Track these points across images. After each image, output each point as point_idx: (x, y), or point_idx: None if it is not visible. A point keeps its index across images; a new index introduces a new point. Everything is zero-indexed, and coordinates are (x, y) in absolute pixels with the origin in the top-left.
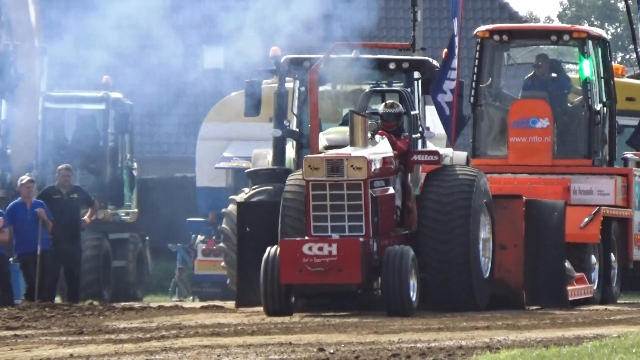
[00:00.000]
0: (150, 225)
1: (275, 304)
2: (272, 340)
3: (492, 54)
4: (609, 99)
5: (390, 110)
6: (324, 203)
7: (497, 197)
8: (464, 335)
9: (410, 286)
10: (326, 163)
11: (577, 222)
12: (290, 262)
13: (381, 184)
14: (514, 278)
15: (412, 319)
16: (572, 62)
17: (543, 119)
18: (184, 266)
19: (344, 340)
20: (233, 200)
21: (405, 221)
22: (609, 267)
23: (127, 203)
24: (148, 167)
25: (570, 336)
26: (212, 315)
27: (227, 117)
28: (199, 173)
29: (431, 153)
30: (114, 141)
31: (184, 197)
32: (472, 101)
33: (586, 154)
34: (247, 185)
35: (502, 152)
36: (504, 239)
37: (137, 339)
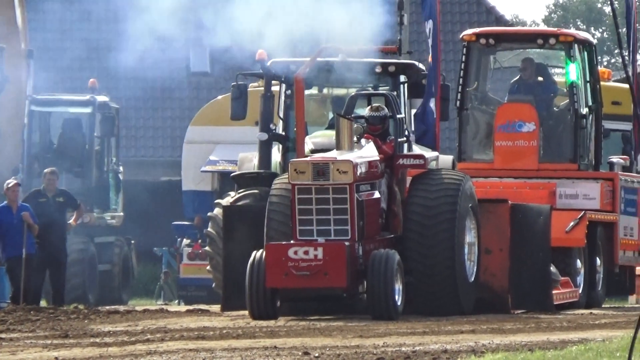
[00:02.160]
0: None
1: (261, 307)
2: (257, 344)
3: (478, 57)
4: (595, 103)
5: (376, 113)
6: (309, 207)
7: (483, 201)
8: (448, 339)
9: (396, 290)
10: (312, 167)
11: (562, 226)
12: (276, 266)
13: (367, 188)
14: (499, 282)
15: (397, 323)
16: (558, 66)
17: (529, 123)
18: (170, 270)
19: (329, 344)
20: (219, 204)
21: (391, 225)
22: (594, 271)
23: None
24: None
25: (555, 340)
26: (197, 319)
27: (213, 120)
28: (184, 176)
29: (417, 157)
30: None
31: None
32: (458, 105)
33: (572, 158)
34: (233, 188)
35: (488, 156)
36: (490, 243)
37: (122, 343)
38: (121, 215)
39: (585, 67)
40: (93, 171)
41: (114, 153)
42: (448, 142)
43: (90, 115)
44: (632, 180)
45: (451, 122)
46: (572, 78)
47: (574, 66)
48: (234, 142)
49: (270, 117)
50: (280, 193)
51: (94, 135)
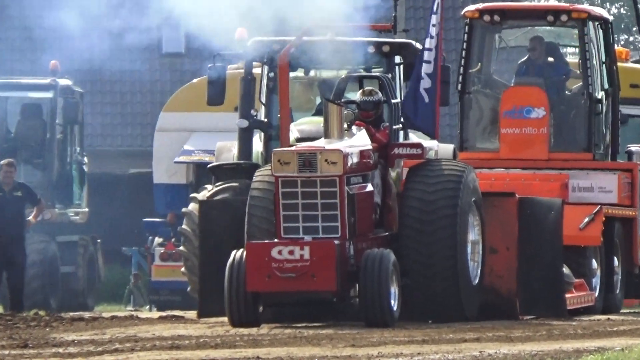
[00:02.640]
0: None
1: (241, 313)
2: (238, 354)
3: (481, 36)
4: (612, 86)
5: (369, 98)
6: (295, 201)
7: (488, 195)
8: (450, 348)
9: (391, 294)
10: (297, 157)
11: (576, 222)
12: (258, 268)
13: (358, 180)
14: (506, 285)
15: (393, 330)
16: (570, 45)
17: (538, 108)
18: (140, 272)
19: (317, 354)
20: (194, 198)
21: (385, 221)
22: (611, 273)
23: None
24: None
25: (569, 349)
26: (171, 327)
27: (188, 106)
28: (156, 168)
29: (414, 146)
30: (63, 133)
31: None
32: (460, 88)
33: (586, 147)
34: (209, 181)
35: (492, 144)
36: (495, 241)
37: (88, 353)
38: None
39: (600, 46)
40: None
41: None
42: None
43: (51, 100)
44: None
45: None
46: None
47: (589, 46)
48: (210, 130)
49: (251, 102)
50: (263, 186)
51: (56, 123)
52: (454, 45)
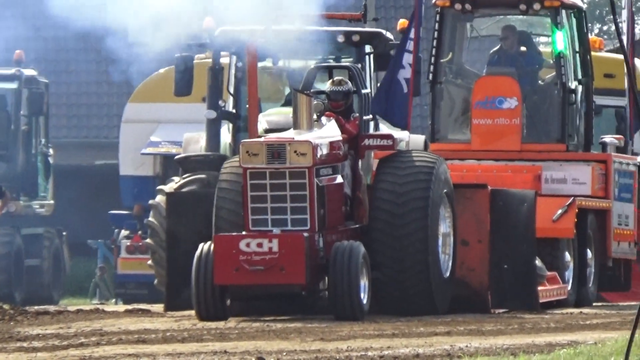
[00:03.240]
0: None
1: (209, 307)
2: (205, 348)
3: (453, 25)
4: (585, 76)
5: (338, 88)
6: (263, 193)
7: (459, 187)
8: (421, 342)
9: (361, 287)
10: (266, 148)
11: (549, 214)
12: (226, 260)
13: (328, 172)
14: (478, 278)
15: (363, 324)
16: (543, 35)
17: (511, 99)
18: (106, 265)
19: (285, 348)
20: (161, 190)
21: (355, 214)
22: (584, 265)
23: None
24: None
25: (541, 343)
26: (137, 320)
27: (155, 96)
28: (122, 160)
29: (384, 137)
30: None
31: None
32: (431, 78)
33: (559, 137)
34: (177, 173)
35: (464, 135)
36: (467, 233)
37: (53, 347)
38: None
39: (574, 35)
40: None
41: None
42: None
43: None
44: (627, 162)
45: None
46: (559, 48)
47: (562, 34)
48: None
49: (219, 93)
50: (231, 178)
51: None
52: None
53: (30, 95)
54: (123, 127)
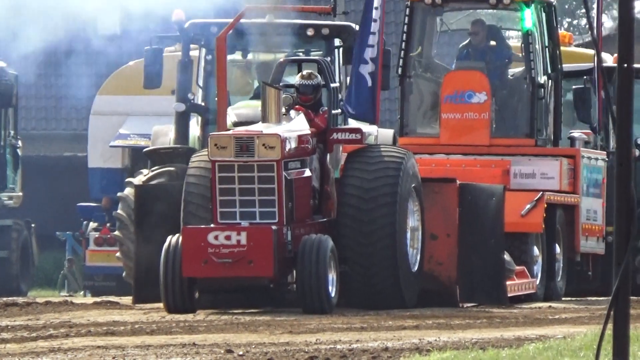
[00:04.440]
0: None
1: (177, 299)
2: (174, 341)
3: (422, 19)
4: (555, 71)
5: (307, 81)
6: (232, 186)
7: (428, 181)
8: (389, 335)
9: (329, 280)
10: (235, 141)
11: (517, 209)
12: (194, 253)
13: (296, 166)
14: (447, 272)
15: (331, 317)
16: (512, 29)
17: (480, 93)
18: (74, 257)
19: (254, 340)
20: (130, 182)
21: (324, 207)
22: (553, 260)
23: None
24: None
25: (510, 337)
26: (106, 312)
27: (124, 89)
28: (91, 152)
29: (353, 131)
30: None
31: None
32: (400, 72)
33: (528, 132)
34: (145, 166)
35: (433, 130)
36: (435, 227)
37: (22, 339)
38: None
39: (543, 30)
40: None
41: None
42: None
43: None
44: (596, 157)
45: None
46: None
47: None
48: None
49: (188, 86)
50: (199, 172)
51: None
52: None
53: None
54: (92, 120)
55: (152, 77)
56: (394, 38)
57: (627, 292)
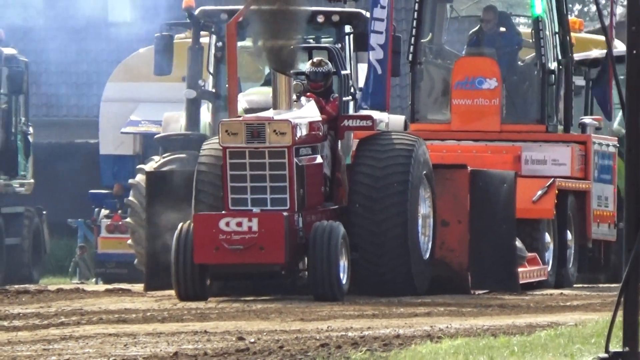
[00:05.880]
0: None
1: (189, 287)
2: (186, 328)
3: (433, 5)
4: (565, 57)
5: (318, 68)
6: (243, 173)
7: (439, 167)
8: (401, 322)
9: (340, 267)
10: (245, 128)
11: (529, 195)
12: (205, 240)
13: (308, 152)
14: (458, 258)
15: (343, 305)
16: (523, 15)
17: (490, 79)
18: (86, 244)
19: (266, 328)
20: (141, 169)
21: (335, 194)
22: (564, 247)
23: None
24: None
25: (522, 324)
26: (117, 300)
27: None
28: (102, 139)
29: (364, 118)
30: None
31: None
32: (411, 59)
33: (539, 118)
34: (157, 152)
35: (444, 116)
36: (447, 214)
37: (33, 326)
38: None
39: (553, 16)
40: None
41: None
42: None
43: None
44: (607, 143)
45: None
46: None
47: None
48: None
49: (199, 72)
50: (210, 159)
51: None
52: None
53: (10, 73)
54: (103, 106)
55: (163, 64)
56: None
57: (638, 278)
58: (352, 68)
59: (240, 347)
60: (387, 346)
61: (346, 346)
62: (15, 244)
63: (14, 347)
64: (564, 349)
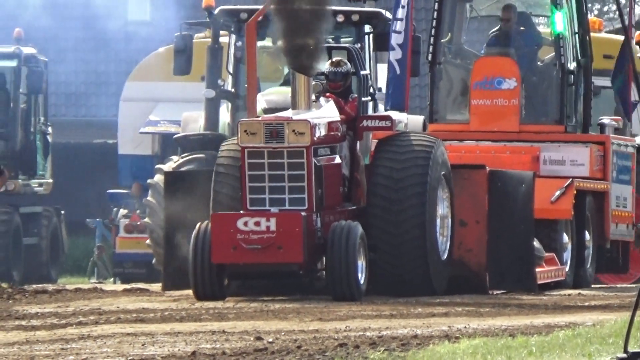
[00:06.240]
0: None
1: (206, 286)
2: (203, 328)
3: (452, 5)
4: (584, 57)
5: (337, 69)
6: (261, 173)
7: (457, 168)
8: (419, 322)
9: (359, 267)
10: (264, 127)
11: (547, 195)
12: (223, 239)
13: (326, 152)
14: (476, 258)
15: (361, 305)
16: (542, 15)
17: (509, 79)
18: (104, 244)
19: (284, 327)
20: (160, 169)
21: (353, 195)
22: (582, 247)
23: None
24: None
25: (540, 324)
26: (135, 299)
27: (154, 75)
28: (121, 139)
29: (383, 118)
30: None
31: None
32: (430, 59)
33: (558, 118)
34: (175, 152)
35: (463, 116)
36: (465, 214)
37: (52, 326)
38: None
39: (573, 16)
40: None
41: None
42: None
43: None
44: (626, 144)
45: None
46: (558, 29)
47: (561, 15)
48: (177, 100)
49: (218, 72)
50: (229, 159)
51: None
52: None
53: (29, 73)
54: (122, 106)
55: (182, 63)
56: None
57: None
58: (372, 68)
59: (259, 346)
60: (405, 346)
61: (364, 346)
62: (34, 244)
63: (32, 346)
64: (582, 349)
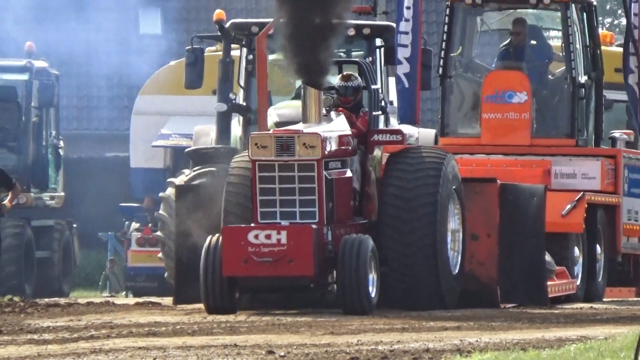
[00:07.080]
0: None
1: (217, 300)
2: (215, 342)
3: (463, 19)
4: (595, 71)
5: (348, 83)
6: (272, 186)
7: (469, 181)
8: (431, 336)
9: (370, 281)
10: (275, 141)
11: (558, 209)
12: (234, 252)
13: (337, 166)
14: (487, 272)
15: (373, 318)
16: (553, 29)
17: (520, 93)
18: (116, 257)
19: (295, 341)
20: (171, 183)
21: (364, 209)
22: (594, 260)
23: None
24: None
25: (551, 338)
26: (147, 313)
27: (166, 89)
28: (133, 152)
29: (394, 132)
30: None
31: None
32: (441, 72)
33: (569, 132)
34: (187, 166)
35: (474, 130)
36: (476, 228)
37: (63, 340)
38: (62, 196)
39: (584, 29)
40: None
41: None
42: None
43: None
44: (637, 157)
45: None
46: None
47: (571, 30)
48: (188, 114)
49: (230, 86)
50: (240, 172)
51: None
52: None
53: (40, 86)
54: (134, 119)
55: (194, 77)
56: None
57: None
58: (383, 82)
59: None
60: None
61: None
62: (46, 257)
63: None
64: None
